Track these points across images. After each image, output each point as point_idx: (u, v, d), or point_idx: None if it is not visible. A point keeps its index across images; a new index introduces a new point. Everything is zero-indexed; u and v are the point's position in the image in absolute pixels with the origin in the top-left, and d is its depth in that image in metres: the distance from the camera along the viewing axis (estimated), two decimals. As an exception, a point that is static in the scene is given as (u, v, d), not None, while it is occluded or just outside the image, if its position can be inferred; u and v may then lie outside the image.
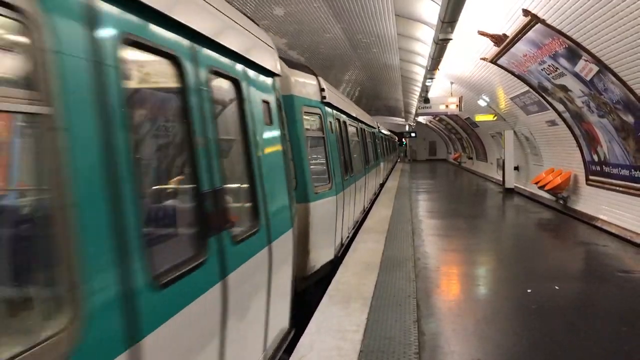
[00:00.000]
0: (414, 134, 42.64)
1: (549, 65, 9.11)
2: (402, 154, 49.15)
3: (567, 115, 10.72)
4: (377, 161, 16.48)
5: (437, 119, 31.55)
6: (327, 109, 6.71)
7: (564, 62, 8.52)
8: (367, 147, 12.77)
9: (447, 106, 17.38)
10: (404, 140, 47.38)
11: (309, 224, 5.39)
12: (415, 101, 23.29)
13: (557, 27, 7.44)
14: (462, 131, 28.18)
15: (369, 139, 14.21)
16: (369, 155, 13.20)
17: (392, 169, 30.58)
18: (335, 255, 6.70)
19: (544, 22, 7.52)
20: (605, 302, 5.61)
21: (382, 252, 7.30)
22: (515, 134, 16.36)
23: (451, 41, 8.39)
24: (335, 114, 7.48)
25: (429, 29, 10.94)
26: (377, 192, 16.30)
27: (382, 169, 18.99)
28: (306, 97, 5.85)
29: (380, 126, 21.83)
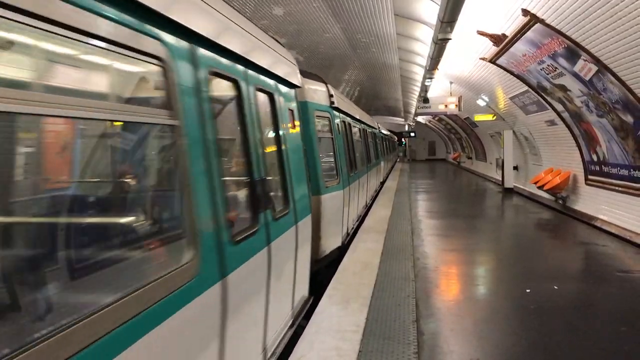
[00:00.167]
0: (413, 134, 42.65)
1: (548, 65, 9.11)
2: (401, 154, 49.18)
3: (566, 115, 10.72)
4: (378, 160, 17.29)
5: (437, 119, 31.57)
6: (335, 112, 7.43)
7: (563, 61, 8.53)
8: (368, 147, 13.50)
9: (447, 106, 17.38)
10: (403, 140, 47.40)
11: (320, 214, 6.05)
12: (414, 101, 23.29)
13: (556, 27, 7.44)
14: (462, 131, 28.19)
15: (371, 139, 14.93)
16: (371, 154, 13.98)
17: (392, 168, 30.77)
18: (342, 242, 7.36)
19: (543, 21, 7.52)
20: (604, 302, 5.61)
21: (381, 252, 7.31)
22: (514, 133, 16.36)
23: (450, 41, 8.39)
24: (341, 116, 8.21)
25: (428, 28, 10.95)
26: (378, 190, 16.76)
27: (382, 167, 19.85)
28: (317, 103, 6.57)
29: (380, 126, 22.45)
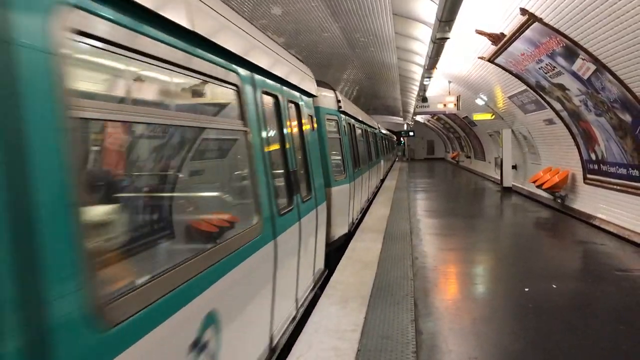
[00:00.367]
0: (412, 133, 42.65)
1: (547, 64, 9.11)
2: (400, 153, 49.16)
3: (564, 114, 10.73)
4: (379, 158, 18.43)
5: (435, 118, 31.56)
6: (341, 115, 8.45)
7: (561, 60, 8.53)
8: (370, 146, 14.66)
9: (445, 105, 17.37)
10: (402, 139, 47.39)
11: (331, 204, 6.86)
12: (413, 100, 23.27)
13: (554, 26, 7.44)
14: (460, 130, 28.19)
15: (372, 138, 16.02)
16: (372, 153, 15.16)
17: (391, 166, 30.79)
18: (348, 230, 8.30)
19: (541, 20, 7.52)
20: (603, 300, 5.61)
21: (380, 251, 7.30)
22: (513, 132, 16.36)
23: (449, 40, 8.39)
24: (347, 119, 9.26)
25: (427, 27, 10.94)
26: (379, 187, 17.22)
27: (382, 165, 20.93)
28: (327, 107, 7.53)
29: (380, 126, 22.87)
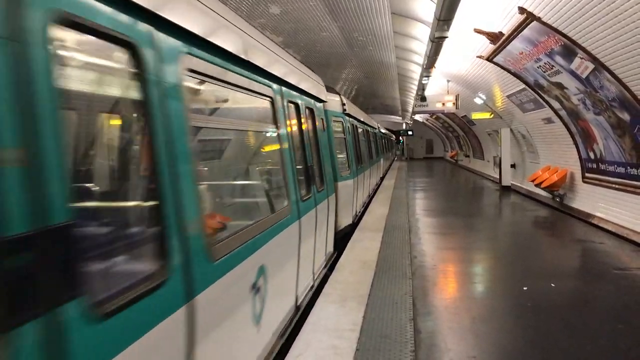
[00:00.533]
0: (411, 132, 42.65)
1: (545, 62, 9.11)
2: (399, 153, 49.15)
3: (563, 112, 10.73)
4: (378, 157, 19.32)
5: (434, 117, 31.58)
6: (346, 117, 9.27)
7: (559, 59, 8.53)
8: (371, 145, 15.50)
9: (444, 104, 17.38)
10: (401, 138, 47.38)
11: (337, 197, 7.44)
12: (412, 99, 23.29)
13: (552, 25, 7.44)
14: (459, 129, 28.20)
15: (372, 138, 16.85)
16: (373, 151, 16.02)
17: (390, 165, 30.83)
18: (352, 221, 9.03)
19: (539, 19, 7.51)
20: (601, 299, 5.61)
21: (378, 251, 7.30)
22: (511, 131, 16.37)
23: (447, 39, 8.39)
24: (350, 120, 10.12)
25: (425, 27, 10.93)
26: (378, 184, 17.57)
27: (382, 164, 21.79)
28: (334, 110, 8.23)
29: (379, 126, 23.23)
